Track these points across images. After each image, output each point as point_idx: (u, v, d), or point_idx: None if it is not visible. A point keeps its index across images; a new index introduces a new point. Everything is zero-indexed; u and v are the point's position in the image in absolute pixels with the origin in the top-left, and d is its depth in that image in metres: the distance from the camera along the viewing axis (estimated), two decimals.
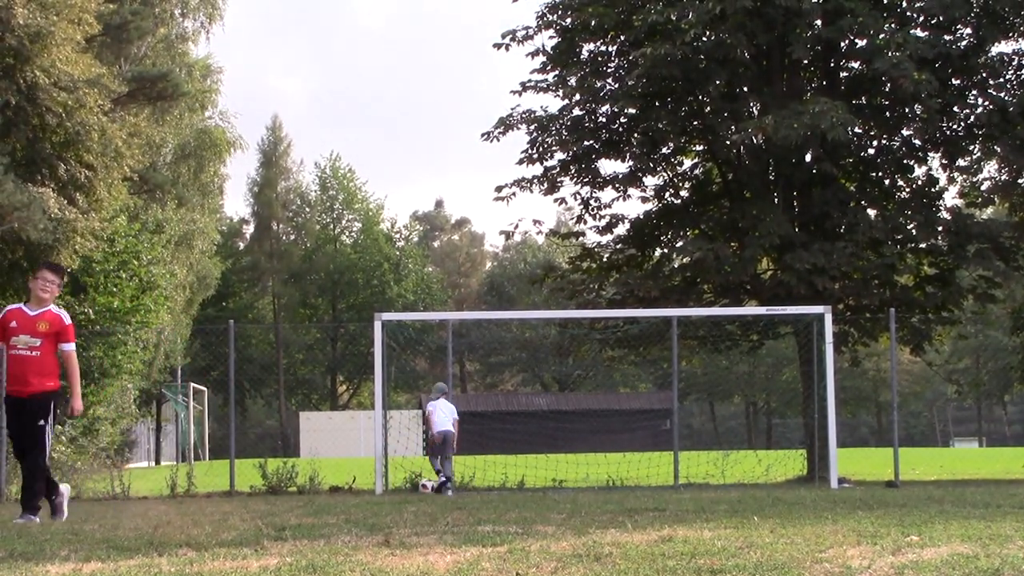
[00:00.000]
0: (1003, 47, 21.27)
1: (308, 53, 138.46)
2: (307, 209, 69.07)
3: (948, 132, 20.62)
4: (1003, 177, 21.45)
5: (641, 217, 22.06)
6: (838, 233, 20.00)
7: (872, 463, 26.37)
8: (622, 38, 20.78)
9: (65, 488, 9.96)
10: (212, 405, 50.98)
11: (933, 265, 21.41)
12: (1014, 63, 20.48)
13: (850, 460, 27.64)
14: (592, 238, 22.63)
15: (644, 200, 22.48)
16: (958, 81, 20.43)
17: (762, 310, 18.46)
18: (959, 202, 22.45)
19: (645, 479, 18.36)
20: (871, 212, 20.90)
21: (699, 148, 22.37)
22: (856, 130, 19.71)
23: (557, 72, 21.35)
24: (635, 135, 21.42)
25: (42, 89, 17.91)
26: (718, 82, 20.35)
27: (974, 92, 20.61)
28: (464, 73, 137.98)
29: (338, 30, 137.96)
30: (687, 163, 22.93)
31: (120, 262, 26.63)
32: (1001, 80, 20.30)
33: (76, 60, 18.58)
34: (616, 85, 20.83)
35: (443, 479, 15.78)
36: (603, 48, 21.49)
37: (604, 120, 21.43)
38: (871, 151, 21.37)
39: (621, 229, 22.15)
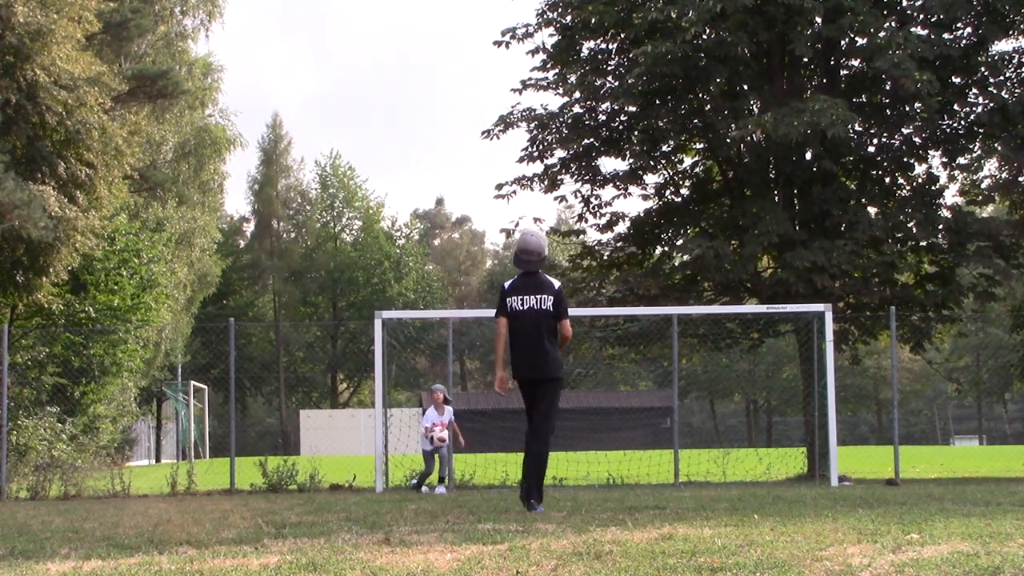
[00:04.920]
0: (1003, 45, 21.27)
1: (308, 50, 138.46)
2: (307, 207, 69.10)
3: (948, 130, 20.61)
4: (1003, 175, 21.44)
5: (641, 215, 22.06)
6: (838, 231, 20.00)
7: (872, 461, 26.38)
8: (622, 36, 20.76)
9: None
10: (212, 403, 51.02)
11: (933, 263, 21.40)
12: (1014, 61, 20.47)
13: (850, 458, 27.66)
14: (592, 236, 22.64)
15: (644, 198, 22.50)
16: (958, 79, 20.41)
17: (763, 308, 18.45)
18: (959, 200, 22.44)
19: (645, 477, 18.37)
20: (871, 210, 20.89)
21: (699, 146, 22.36)
22: (856, 128, 19.69)
23: (557, 70, 21.35)
24: (635, 133, 21.41)
25: (42, 87, 17.91)
26: (718, 80, 20.34)
27: (974, 90, 20.59)
28: (464, 71, 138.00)
29: (338, 27, 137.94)
30: (687, 161, 22.93)
31: (121, 260, 26.65)
32: (1002, 78, 20.28)
33: (76, 58, 18.58)
34: (616, 83, 20.82)
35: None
36: (603, 46, 21.48)
37: (604, 118, 21.42)
38: (871, 149, 21.36)
39: (621, 227, 22.16)
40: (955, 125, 20.70)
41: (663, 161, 22.22)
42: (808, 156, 20.25)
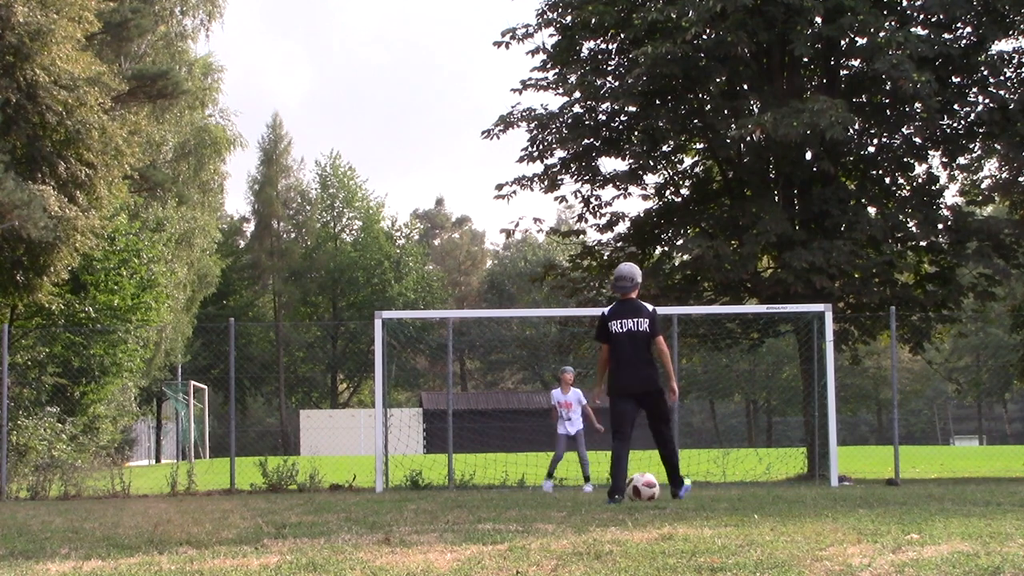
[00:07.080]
0: (1003, 45, 21.30)
1: (308, 51, 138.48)
2: (307, 207, 69.06)
3: (948, 130, 20.62)
4: (1003, 175, 21.46)
5: (641, 215, 22.07)
6: (838, 231, 20.01)
7: (872, 461, 26.37)
8: (622, 36, 20.78)
9: None
10: (212, 403, 50.99)
11: (933, 263, 21.41)
12: (1014, 61, 20.48)
13: (850, 458, 27.65)
14: (592, 236, 22.66)
15: (644, 198, 22.54)
16: (958, 79, 20.42)
17: (763, 308, 18.45)
18: (959, 200, 22.45)
19: None
20: (871, 210, 20.90)
21: (699, 146, 22.38)
22: (856, 128, 19.69)
23: (557, 70, 21.36)
24: (635, 133, 21.43)
25: (42, 87, 17.91)
26: (718, 80, 20.35)
27: (974, 90, 20.60)
28: (464, 71, 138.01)
29: (338, 28, 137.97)
30: (687, 161, 22.95)
31: (121, 260, 26.63)
32: (1001, 78, 20.29)
33: (76, 58, 18.57)
34: (616, 83, 20.83)
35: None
36: (603, 46, 21.50)
37: (604, 118, 21.44)
38: (871, 149, 21.38)
39: (621, 227, 22.18)
40: (955, 125, 20.71)
41: (663, 161, 22.23)
42: (808, 156, 20.26)
